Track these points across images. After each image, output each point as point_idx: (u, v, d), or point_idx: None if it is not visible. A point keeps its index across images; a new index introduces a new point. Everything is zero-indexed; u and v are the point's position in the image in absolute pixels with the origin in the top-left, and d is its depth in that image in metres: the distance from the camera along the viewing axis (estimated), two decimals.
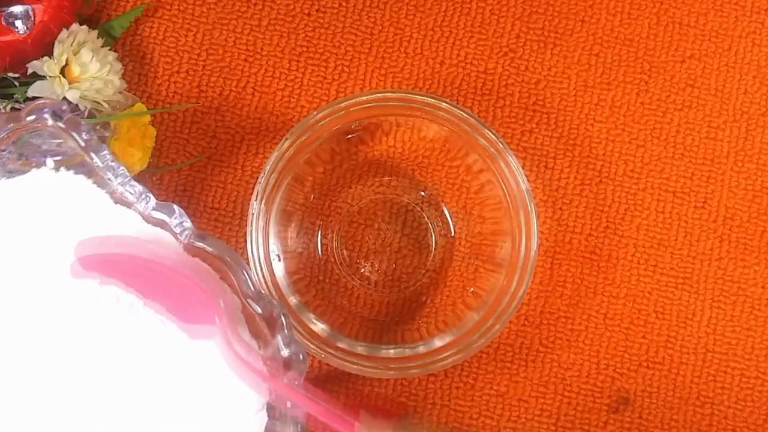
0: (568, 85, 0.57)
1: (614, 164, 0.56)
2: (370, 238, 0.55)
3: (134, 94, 0.55)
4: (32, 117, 0.42)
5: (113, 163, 0.42)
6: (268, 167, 0.50)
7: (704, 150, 0.57)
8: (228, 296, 0.43)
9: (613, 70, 0.57)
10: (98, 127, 0.50)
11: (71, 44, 0.50)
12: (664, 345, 0.55)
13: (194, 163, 0.55)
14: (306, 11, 0.57)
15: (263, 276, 0.50)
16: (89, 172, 0.43)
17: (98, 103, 0.51)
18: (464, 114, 0.51)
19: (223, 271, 0.43)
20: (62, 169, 0.43)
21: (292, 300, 0.52)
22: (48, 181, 0.43)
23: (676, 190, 0.56)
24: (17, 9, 0.49)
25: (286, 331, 0.42)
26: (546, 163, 0.56)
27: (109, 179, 0.42)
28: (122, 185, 0.42)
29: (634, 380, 0.55)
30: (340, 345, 0.51)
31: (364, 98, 0.51)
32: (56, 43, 0.50)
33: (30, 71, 0.50)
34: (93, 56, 0.50)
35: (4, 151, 0.43)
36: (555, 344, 0.55)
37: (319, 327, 0.52)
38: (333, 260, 0.55)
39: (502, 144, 0.51)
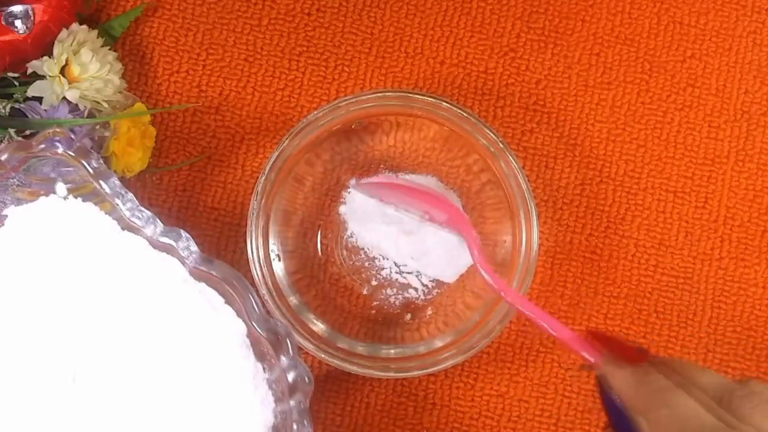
0: (568, 85, 0.57)
1: (615, 164, 0.56)
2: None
3: (134, 94, 0.55)
4: (42, 146, 0.43)
5: (122, 190, 0.43)
6: (268, 167, 0.50)
7: (705, 150, 0.56)
8: (232, 321, 0.43)
9: (614, 70, 0.57)
10: (98, 127, 0.50)
11: (71, 44, 0.50)
12: (664, 345, 0.55)
13: (194, 163, 0.55)
14: (306, 11, 0.57)
15: (263, 276, 0.50)
16: (98, 199, 0.44)
17: (98, 102, 0.51)
18: (464, 114, 0.51)
19: (229, 295, 0.44)
20: (71, 196, 0.44)
21: (292, 300, 0.52)
22: (56, 209, 0.44)
23: (677, 190, 0.56)
24: (17, 9, 0.49)
25: (291, 353, 0.43)
26: (546, 163, 0.56)
27: (117, 205, 0.43)
28: (130, 211, 0.43)
29: None
30: (340, 345, 0.51)
31: (364, 98, 0.51)
32: (56, 42, 0.50)
33: (30, 71, 0.50)
34: (93, 56, 0.50)
35: (14, 178, 0.44)
36: (555, 344, 0.55)
37: (319, 327, 0.52)
38: (333, 260, 0.55)
39: (503, 144, 0.51)
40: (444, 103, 0.51)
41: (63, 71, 0.50)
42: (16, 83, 0.51)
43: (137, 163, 0.52)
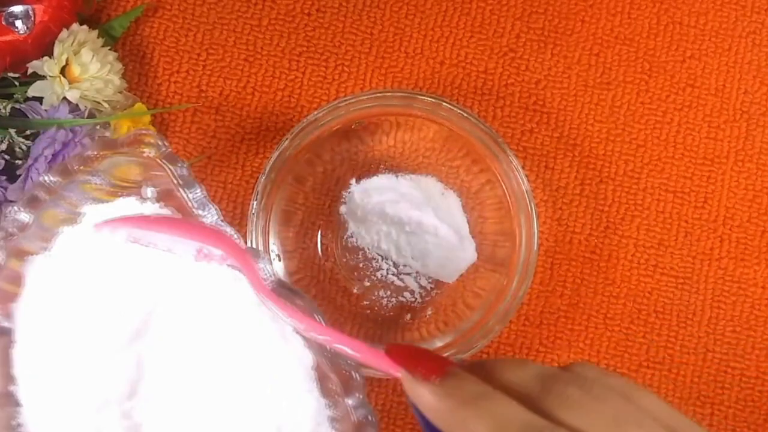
0: (568, 85, 0.57)
1: (614, 164, 0.56)
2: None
3: (134, 94, 0.55)
4: (130, 147, 0.41)
5: (206, 200, 0.41)
6: (268, 167, 0.50)
7: (704, 150, 0.57)
8: (301, 351, 0.41)
9: (614, 70, 0.57)
10: (98, 127, 0.51)
11: (71, 44, 0.50)
12: (664, 345, 0.55)
13: (194, 163, 0.55)
14: (306, 11, 0.57)
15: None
16: (178, 206, 0.42)
17: (98, 103, 0.51)
18: (464, 114, 0.51)
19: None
20: (149, 201, 0.42)
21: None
22: (134, 210, 0.42)
23: (677, 190, 0.56)
24: (17, 9, 0.49)
25: (359, 393, 0.40)
26: (546, 163, 0.56)
27: (199, 216, 0.41)
28: (211, 224, 0.41)
29: (634, 380, 0.55)
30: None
31: (364, 98, 0.51)
32: (56, 43, 0.50)
33: (30, 71, 0.50)
34: (93, 56, 0.50)
35: (96, 176, 0.42)
36: (555, 344, 0.55)
37: None
38: (333, 260, 0.55)
39: (502, 144, 0.51)
40: (444, 103, 0.51)
41: (63, 71, 0.50)
42: (17, 83, 0.51)
43: None
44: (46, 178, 0.41)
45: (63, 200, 0.42)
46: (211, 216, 0.42)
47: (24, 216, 0.41)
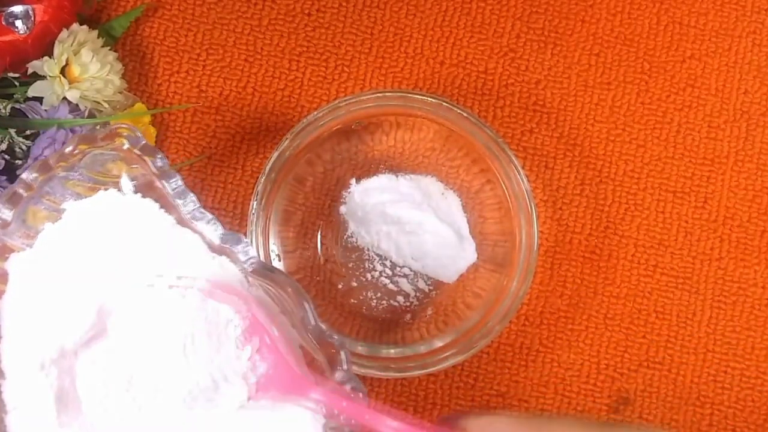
0: (568, 85, 0.57)
1: (614, 164, 0.56)
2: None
3: (134, 94, 0.55)
4: (107, 141, 0.42)
5: (184, 190, 0.42)
6: (268, 167, 0.50)
7: (704, 150, 0.57)
8: (286, 329, 0.42)
9: (614, 70, 0.57)
10: (99, 128, 0.50)
11: (71, 44, 0.50)
12: (664, 345, 0.55)
13: (194, 163, 0.55)
14: (306, 11, 0.57)
15: None
16: (158, 197, 0.43)
17: (98, 103, 0.51)
18: (464, 114, 0.51)
19: (284, 303, 0.42)
20: (130, 192, 0.43)
21: None
22: (115, 204, 0.43)
23: (677, 190, 0.56)
24: (17, 9, 0.49)
25: (345, 366, 0.41)
26: (546, 163, 0.56)
27: (178, 206, 0.42)
28: (191, 213, 0.42)
29: (634, 380, 0.55)
30: None
31: (364, 98, 0.51)
32: (56, 43, 0.50)
33: (30, 71, 0.50)
34: (93, 56, 0.50)
35: (75, 172, 0.43)
36: (555, 344, 0.55)
37: None
38: (333, 260, 0.55)
39: (502, 144, 0.51)
40: (444, 103, 0.51)
41: (63, 71, 0.50)
42: (17, 83, 0.51)
43: None
44: (26, 175, 0.42)
45: (44, 197, 0.43)
46: (190, 204, 0.42)
47: (5, 213, 0.42)
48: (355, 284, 0.54)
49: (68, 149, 0.42)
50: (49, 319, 0.41)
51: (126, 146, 0.42)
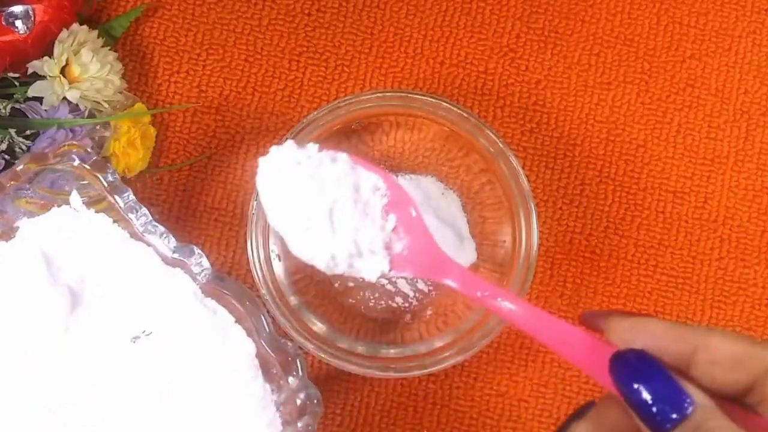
0: (568, 85, 0.57)
1: (614, 164, 0.56)
2: None
3: (134, 94, 0.55)
4: (58, 158, 0.43)
5: (136, 205, 0.43)
6: None
7: (704, 150, 0.57)
8: (242, 340, 0.43)
9: (614, 70, 0.57)
10: (99, 128, 0.50)
11: (71, 44, 0.50)
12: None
13: (194, 163, 0.55)
14: (306, 11, 0.57)
15: (263, 276, 0.50)
16: (112, 213, 0.44)
17: (98, 103, 0.51)
18: (464, 114, 0.51)
19: (239, 314, 0.43)
20: (83, 207, 0.44)
21: (292, 300, 0.52)
22: (68, 220, 0.44)
23: (677, 190, 0.56)
24: (17, 9, 0.49)
25: (301, 373, 0.42)
26: (546, 163, 0.56)
27: (131, 220, 0.43)
28: (143, 226, 0.43)
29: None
30: (340, 345, 0.51)
31: (364, 98, 0.51)
32: (56, 43, 0.50)
33: (30, 71, 0.50)
34: (93, 56, 0.50)
35: (28, 190, 0.44)
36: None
37: (319, 327, 0.52)
38: None
39: (502, 144, 0.51)
40: (444, 103, 0.51)
41: (63, 71, 0.50)
42: (17, 83, 0.51)
43: (138, 163, 0.52)
44: None
45: None
46: (142, 218, 0.43)
47: None
48: (352, 284, 0.54)
49: (19, 168, 0.43)
50: (8, 335, 0.42)
51: (77, 163, 0.43)
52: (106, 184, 0.43)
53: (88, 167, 0.43)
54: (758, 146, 0.57)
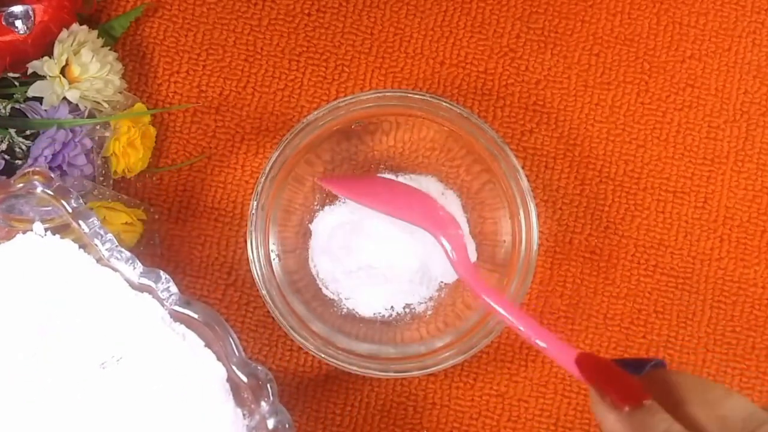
0: (568, 85, 0.57)
1: (614, 164, 0.56)
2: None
3: (134, 94, 0.55)
4: (21, 184, 0.42)
5: (101, 230, 0.42)
6: (268, 167, 0.50)
7: (704, 150, 0.57)
8: (212, 364, 0.42)
9: (613, 70, 0.57)
10: (98, 127, 0.50)
11: (71, 44, 0.50)
12: (664, 345, 0.55)
13: (194, 163, 0.55)
14: (306, 11, 0.57)
15: (263, 276, 0.50)
16: (77, 237, 0.43)
17: (98, 103, 0.51)
18: (464, 114, 0.51)
19: (209, 338, 0.43)
20: (48, 233, 0.43)
21: (292, 300, 0.52)
22: (34, 246, 0.43)
23: (677, 190, 0.56)
24: (17, 9, 0.49)
25: (272, 398, 0.41)
26: (546, 163, 0.56)
27: (96, 245, 0.42)
28: (109, 251, 0.42)
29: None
30: (340, 345, 0.51)
31: (363, 98, 0.51)
32: (56, 43, 0.50)
33: (30, 71, 0.50)
34: (93, 56, 0.50)
35: None
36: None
37: (318, 327, 0.52)
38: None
39: (503, 144, 0.51)
40: (444, 103, 0.51)
41: (63, 71, 0.50)
42: (17, 83, 0.51)
43: (137, 163, 0.52)
44: None
45: None
46: (108, 243, 0.42)
47: None
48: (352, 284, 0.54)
49: None
50: None
51: (39, 189, 0.42)
52: (69, 209, 0.42)
53: (51, 192, 0.42)
54: (758, 146, 0.57)
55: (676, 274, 0.56)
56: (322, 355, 0.50)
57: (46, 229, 0.43)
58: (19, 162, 0.50)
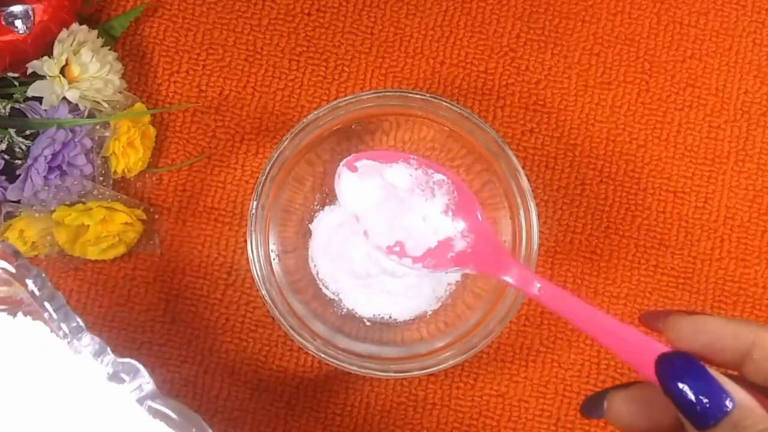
0: (568, 85, 0.57)
1: (615, 164, 0.56)
2: None
3: (134, 94, 0.55)
4: None
5: (69, 315, 0.39)
6: (268, 167, 0.50)
7: (705, 150, 0.56)
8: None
9: (614, 70, 0.57)
10: (98, 127, 0.51)
11: (71, 44, 0.50)
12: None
13: (194, 163, 0.55)
14: (306, 11, 0.57)
15: (263, 276, 0.50)
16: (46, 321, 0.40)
17: (98, 103, 0.51)
18: (464, 114, 0.51)
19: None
20: (20, 314, 0.40)
21: (292, 300, 0.52)
22: (3, 327, 0.40)
23: (677, 190, 0.56)
24: (17, 9, 0.49)
25: None
26: (546, 163, 0.56)
27: (62, 332, 0.39)
28: (78, 339, 0.39)
29: (635, 380, 0.55)
30: (340, 345, 0.51)
31: (364, 98, 0.51)
32: (56, 42, 0.50)
33: (30, 71, 0.50)
34: (93, 56, 0.50)
35: None
36: (555, 344, 0.55)
37: (319, 327, 0.52)
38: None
39: (503, 144, 0.51)
40: (444, 103, 0.51)
41: (63, 71, 0.50)
42: (16, 83, 0.51)
43: (137, 163, 0.52)
44: None
45: None
46: (73, 332, 0.39)
47: None
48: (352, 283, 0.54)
49: None
50: None
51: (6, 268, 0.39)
52: (36, 291, 0.39)
53: (13, 270, 0.39)
54: (759, 146, 0.56)
55: (676, 274, 0.56)
56: (322, 355, 0.50)
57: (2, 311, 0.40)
58: (18, 162, 0.50)
